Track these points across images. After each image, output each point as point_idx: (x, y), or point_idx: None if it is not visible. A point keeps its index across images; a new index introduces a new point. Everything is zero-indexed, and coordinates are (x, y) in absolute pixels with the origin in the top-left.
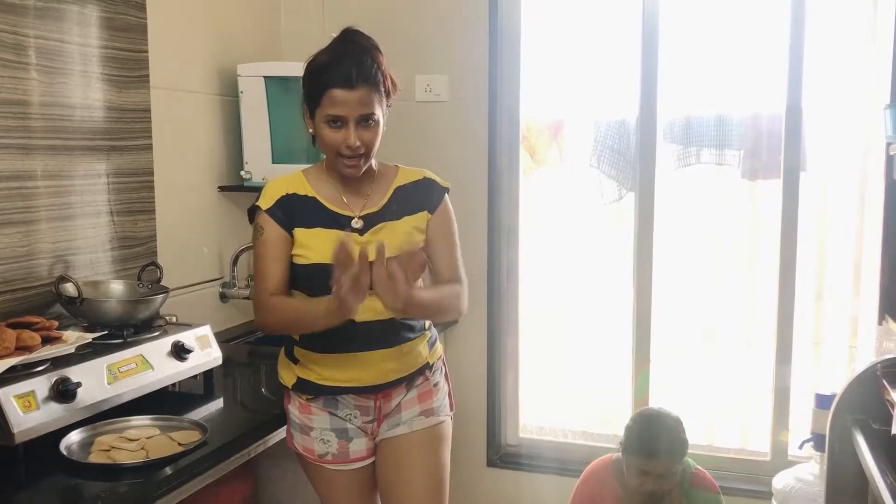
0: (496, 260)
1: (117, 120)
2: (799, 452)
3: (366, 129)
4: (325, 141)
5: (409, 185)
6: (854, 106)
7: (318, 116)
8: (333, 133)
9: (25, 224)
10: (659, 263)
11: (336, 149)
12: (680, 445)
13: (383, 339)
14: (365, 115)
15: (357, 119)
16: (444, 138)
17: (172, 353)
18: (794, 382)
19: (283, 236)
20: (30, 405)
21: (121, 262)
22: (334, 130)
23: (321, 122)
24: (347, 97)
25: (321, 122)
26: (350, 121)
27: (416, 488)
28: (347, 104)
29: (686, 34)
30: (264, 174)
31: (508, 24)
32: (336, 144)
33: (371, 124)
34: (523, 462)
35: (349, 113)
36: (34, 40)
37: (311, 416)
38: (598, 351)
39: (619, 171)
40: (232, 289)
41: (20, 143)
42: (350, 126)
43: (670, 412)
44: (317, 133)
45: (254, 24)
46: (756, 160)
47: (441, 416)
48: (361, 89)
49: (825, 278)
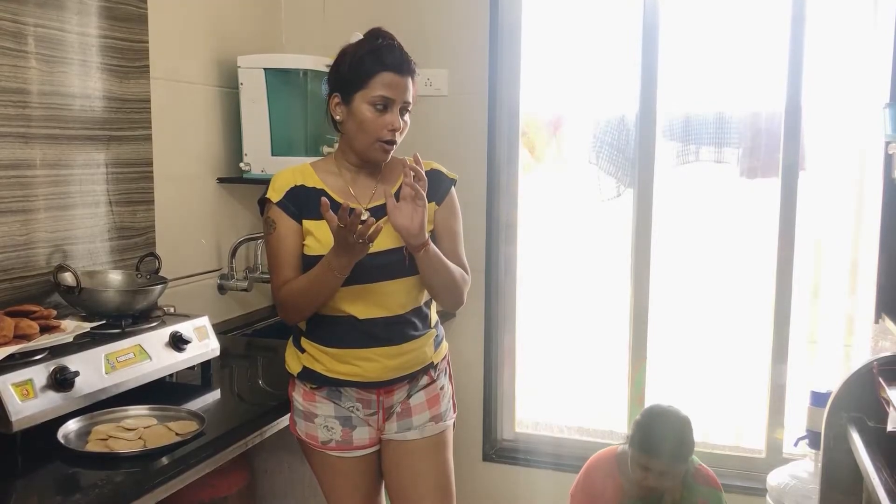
0: (494, 255)
1: (117, 110)
2: (794, 450)
3: (403, 118)
4: (367, 124)
5: None
6: (853, 105)
7: (361, 99)
8: (377, 116)
9: (24, 213)
10: (657, 260)
11: (378, 133)
12: (684, 447)
13: (387, 337)
14: (407, 103)
15: (403, 105)
16: (443, 133)
17: (170, 344)
18: (790, 380)
19: (295, 228)
20: (28, 393)
21: (119, 252)
22: (378, 114)
23: (363, 104)
24: (399, 81)
25: (363, 105)
26: (397, 104)
27: (428, 493)
28: (399, 88)
29: (686, 31)
30: (263, 166)
31: (509, 19)
32: (379, 127)
33: (407, 113)
34: (519, 457)
35: (398, 97)
36: (34, 28)
37: (315, 404)
38: (595, 347)
39: (617, 167)
40: (230, 280)
41: (19, 132)
42: (395, 110)
43: (679, 411)
44: (354, 117)
45: (254, 16)
46: (755, 158)
47: (447, 420)
48: (408, 79)
49: (822, 276)
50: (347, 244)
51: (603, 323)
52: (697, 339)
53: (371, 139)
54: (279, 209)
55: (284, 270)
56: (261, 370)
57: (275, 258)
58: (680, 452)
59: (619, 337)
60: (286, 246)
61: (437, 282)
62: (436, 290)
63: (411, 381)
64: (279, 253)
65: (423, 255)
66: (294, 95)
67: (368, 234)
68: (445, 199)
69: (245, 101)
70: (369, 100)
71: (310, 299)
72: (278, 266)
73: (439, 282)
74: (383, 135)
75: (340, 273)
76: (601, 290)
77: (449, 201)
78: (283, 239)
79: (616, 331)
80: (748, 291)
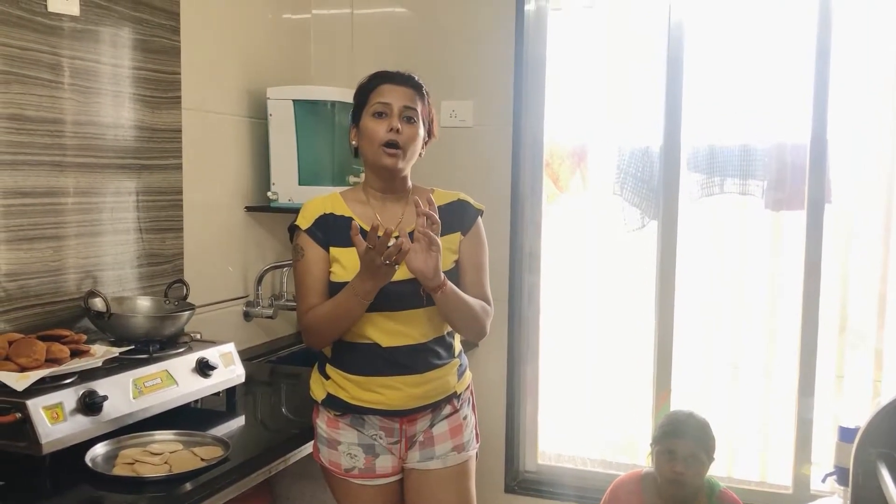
0: (518, 285)
1: (148, 139)
2: (821, 486)
3: (408, 125)
4: (369, 132)
5: (443, 206)
6: (879, 137)
7: (365, 116)
8: (377, 123)
9: (57, 239)
10: (681, 292)
11: (379, 138)
12: (705, 433)
13: (411, 365)
14: (408, 108)
15: (401, 109)
16: (468, 163)
17: (197, 370)
18: (817, 415)
19: (323, 255)
20: (58, 416)
21: (148, 278)
22: (378, 121)
23: (367, 118)
24: (395, 89)
25: (367, 119)
26: (395, 108)
27: None
28: (395, 94)
29: (711, 63)
30: (290, 195)
31: (534, 51)
32: (379, 133)
33: (413, 122)
34: (542, 489)
35: (395, 102)
36: (70, 61)
37: (339, 431)
38: (619, 379)
39: (642, 199)
40: (256, 308)
41: (54, 161)
42: (394, 114)
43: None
44: (362, 134)
45: (284, 49)
46: (780, 191)
47: (470, 450)
48: (409, 89)
49: (849, 310)
50: (374, 267)
51: (627, 354)
52: (722, 372)
53: (374, 146)
54: (308, 236)
55: (310, 296)
56: (284, 397)
57: (302, 284)
58: (702, 437)
59: (644, 369)
60: (313, 273)
61: (457, 318)
62: (456, 325)
63: (434, 410)
64: (306, 279)
65: (441, 295)
66: (321, 126)
67: (396, 255)
68: (471, 230)
69: (273, 132)
70: (370, 111)
71: (334, 324)
72: (305, 292)
73: (458, 318)
74: (382, 137)
75: (365, 298)
76: (625, 321)
77: (475, 232)
78: (310, 266)
79: (640, 362)
80: (774, 325)
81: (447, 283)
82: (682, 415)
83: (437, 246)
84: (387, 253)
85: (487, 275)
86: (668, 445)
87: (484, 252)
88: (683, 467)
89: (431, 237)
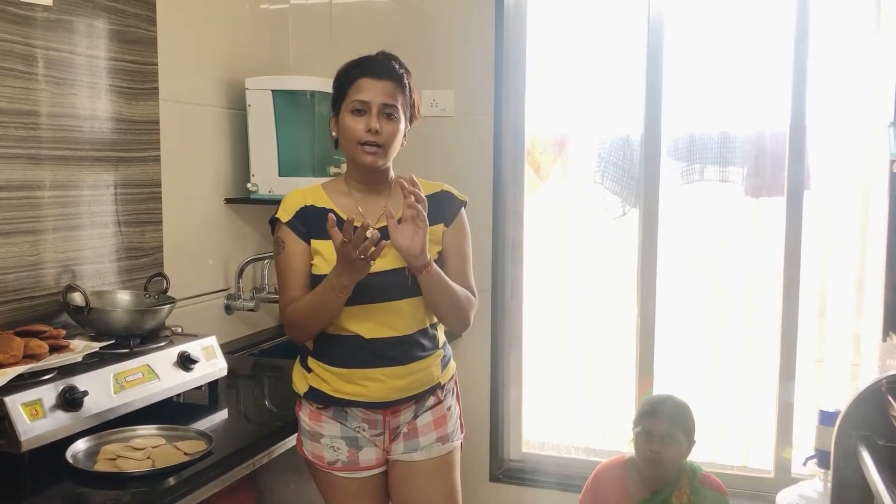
0: (500, 275)
1: (126, 131)
2: (802, 469)
3: (388, 122)
4: (348, 131)
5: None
6: (858, 123)
7: (344, 109)
8: (356, 121)
9: (34, 233)
10: (662, 280)
11: (357, 136)
12: (682, 413)
13: (394, 357)
14: (388, 105)
15: (380, 107)
16: (449, 153)
17: (178, 364)
18: (798, 399)
19: (304, 248)
20: (37, 413)
21: (128, 272)
22: (357, 118)
23: (346, 113)
24: (374, 85)
25: (346, 114)
26: (373, 107)
27: None
28: (373, 91)
29: (690, 52)
30: (270, 187)
31: (514, 40)
32: (358, 132)
33: (393, 119)
34: (526, 477)
35: (373, 99)
36: (44, 52)
37: (321, 424)
38: (602, 367)
39: (623, 187)
40: (237, 300)
41: (30, 154)
42: (373, 113)
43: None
44: (340, 128)
45: (262, 39)
46: (759, 178)
47: (454, 441)
48: (388, 83)
49: (828, 295)
50: (350, 261)
51: (609, 342)
52: (704, 358)
53: (353, 144)
54: (288, 229)
55: (292, 289)
56: (267, 390)
57: (283, 277)
58: (679, 417)
59: (626, 356)
60: (294, 265)
61: (441, 302)
62: (439, 311)
63: (418, 401)
64: (287, 272)
65: (426, 276)
66: (301, 117)
67: (371, 251)
68: (455, 221)
69: (253, 123)
70: (349, 107)
71: (314, 318)
72: (286, 285)
73: (442, 303)
74: (361, 136)
75: (342, 292)
76: (607, 309)
77: (458, 223)
78: (291, 259)
79: (623, 350)
80: (754, 310)
81: (432, 265)
82: (662, 397)
83: (424, 222)
84: (362, 247)
85: (471, 266)
86: (645, 426)
87: (467, 243)
88: (660, 446)
89: (419, 210)
